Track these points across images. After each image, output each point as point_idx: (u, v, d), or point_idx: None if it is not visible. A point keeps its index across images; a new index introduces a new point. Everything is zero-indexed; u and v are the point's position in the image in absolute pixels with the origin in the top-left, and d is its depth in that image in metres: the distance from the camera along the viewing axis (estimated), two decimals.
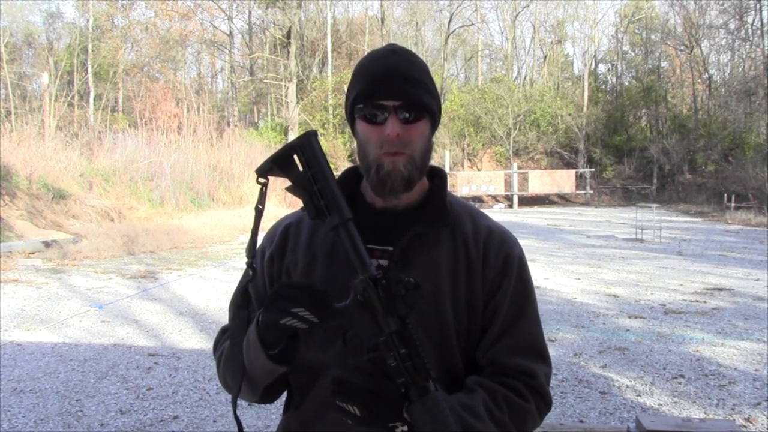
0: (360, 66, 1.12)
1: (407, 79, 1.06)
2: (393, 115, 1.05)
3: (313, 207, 0.99)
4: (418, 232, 1.09)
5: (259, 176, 1.01)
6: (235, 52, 38.13)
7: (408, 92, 1.05)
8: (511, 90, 34.04)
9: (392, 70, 1.06)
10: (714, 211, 23.19)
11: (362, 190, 1.17)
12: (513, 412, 1.06)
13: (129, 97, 33.75)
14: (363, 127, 1.08)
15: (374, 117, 1.06)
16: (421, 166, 1.10)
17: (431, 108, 1.09)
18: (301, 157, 1.00)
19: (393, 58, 1.08)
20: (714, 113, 32.23)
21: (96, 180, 18.21)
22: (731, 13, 30.75)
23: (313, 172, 0.98)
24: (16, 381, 4.75)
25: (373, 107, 1.06)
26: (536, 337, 1.14)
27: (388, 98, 1.05)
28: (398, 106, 1.05)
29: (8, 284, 8.77)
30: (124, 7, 34.62)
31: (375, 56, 1.10)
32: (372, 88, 1.06)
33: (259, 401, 1.14)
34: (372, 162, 1.07)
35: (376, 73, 1.07)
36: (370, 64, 1.09)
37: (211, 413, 4.13)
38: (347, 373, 0.96)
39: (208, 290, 8.57)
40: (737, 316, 6.90)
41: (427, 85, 1.09)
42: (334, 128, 32.28)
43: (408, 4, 39.35)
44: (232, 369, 1.07)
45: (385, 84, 1.05)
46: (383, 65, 1.07)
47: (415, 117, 1.06)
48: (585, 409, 4.17)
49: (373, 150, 1.07)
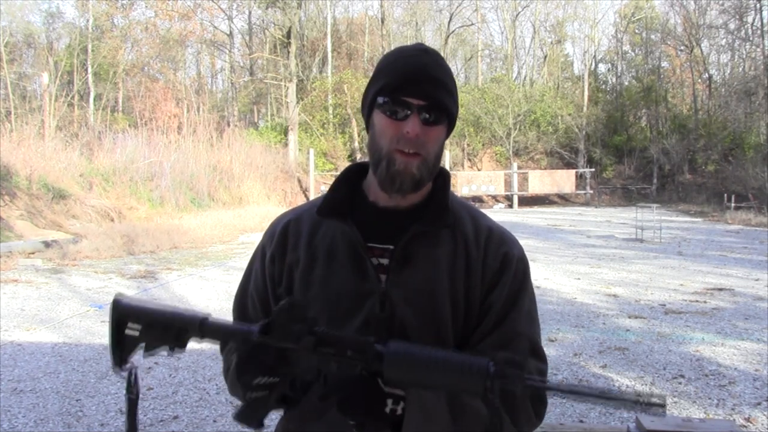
0: (388, 59, 1.11)
1: (435, 81, 1.06)
2: (415, 115, 1.04)
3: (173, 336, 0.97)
4: (419, 231, 1.09)
5: (118, 370, 0.98)
6: (235, 52, 38.13)
7: (434, 94, 1.05)
8: (511, 90, 34.04)
9: (422, 69, 1.06)
10: (714, 211, 23.19)
11: (364, 187, 1.17)
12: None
13: (129, 97, 33.74)
14: (381, 119, 1.07)
15: (395, 112, 1.05)
16: (433, 169, 1.10)
17: (452, 113, 1.09)
18: (131, 324, 0.98)
19: (424, 57, 1.07)
20: (714, 113, 32.24)
21: (96, 180, 18.21)
22: (731, 13, 30.76)
23: (148, 321, 0.98)
24: (16, 381, 4.75)
25: (395, 102, 1.05)
26: (530, 333, 1.12)
27: (413, 96, 1.05)
28: (422, 106, 1.05)
29: (8, 284, 8.77)
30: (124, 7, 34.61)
31: (405, 53, 1.10)
32: (399, 84, 1.05)
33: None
34: (384, 156, 1.07)
35: (405, 69, 1.06)
36: (400, 59, 1.09)
37: (211, 413, 4.13)
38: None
39: (208, 290, 8.57)
40: (737, 316, 6.90)
41: (452, 91, 1.09)
42: (334, 128, 32.27)
43: (408, 4, 39.35)
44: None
45: (412, 82, 1.05)
46: (413, 63, 1.06)
47: (435, 119, 1.06)
48: (585, 409, 4.17)
49: (387, 144, 1.06)
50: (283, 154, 28.95)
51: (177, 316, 0.98)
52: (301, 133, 31.32)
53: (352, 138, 31.37)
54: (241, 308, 1.22)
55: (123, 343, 0.98)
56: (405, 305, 1.07)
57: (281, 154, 28.77)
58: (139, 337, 0.98)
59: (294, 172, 28.11)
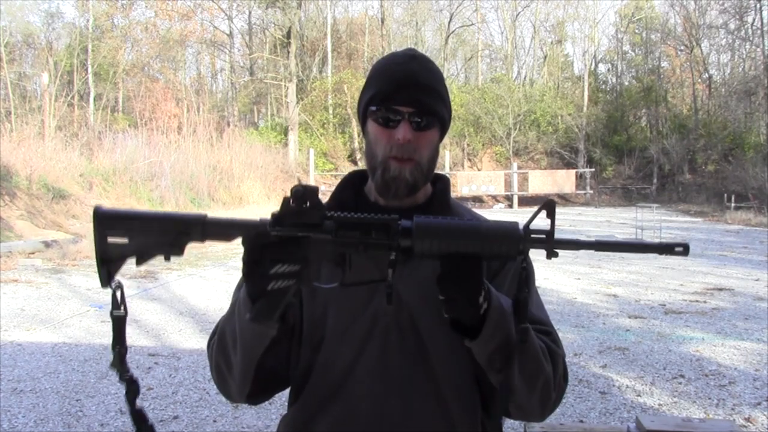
0: (378, 67, 1.14)
1: (423, 87, 1.08)
2: (405, 121, 1.07)
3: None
4: None
5: (105, 285, 0.92)
6: (235, 52, 38.12)
7: (422, 100, 1.07)
8: (511, 90, 34.03)
9: (410, 76, 1.08)
10: (714, 211, 23.19)
11: (366, 191, 1.20)
12: (548, 346, 1.07)
13: (129, 97, 33.71)
14: (374, 128, 1.10)
15: (387, 120, 1.08)
16: (427, 173, 1.12)
17: (443, 117, 1.11)
18: (117, 232, 0.91)
19: (412, 64, 1.09)
20: (714, 113, 32.24)
21: (96, 180, 18.21)
22: (731, 13, 30.76)
23: (142, 227, 0.91)
24: (16, 381, 4.75)
25: (386, 111, 1.08)
26: (541, 316, 1.14)
27: (402, 104, 1.07)
28: (412, 112, 1.07)
29: (8, 284, 8.77)
30: (124, 7, 34.57)
31: (394, 60, 1.12)
32: (388, 92, 1.08)
33: (251, 391, 1.09)
34: (379, 164, 1.09)
35: (394, 77, 1.08)
36: (389, 67, 1.11)
37: (211, 413, 4.13)
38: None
39: (208, 290, 8.57)
40: (737, 316, 6.90)
41: (442, 94, 1.11)
42: (334, 128, 32.28)
43: (408, 4, 39.34)
44: (225, 344, 1.06)
45: (401, 90, 1.07)
46: (402, 70, 1.08)
47: (426, 124, 1.08)
48: (585, 409, 4.17)
49: (381, 151, 1.09)
50: (283, 154, 28.96)
51: (174, 217, 0.92)
52: (301, 133, 31.32)
53: (352, 138, 31.37)
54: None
55: (110, 256, 0.91)
56: (412, 297, 1.08)
57: (281, 154, 28.77)
58: (129, 246, 0.90)
59: (294, 172, 28.12)
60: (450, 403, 1.08)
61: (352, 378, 1.08)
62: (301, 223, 0.87)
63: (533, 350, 1.01)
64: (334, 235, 0.88)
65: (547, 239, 0.89)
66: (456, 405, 1.09)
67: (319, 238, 0.88)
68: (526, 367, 1.00)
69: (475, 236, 0.88)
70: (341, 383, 1.08)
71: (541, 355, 1.03)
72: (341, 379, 1.08)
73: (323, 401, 1.09)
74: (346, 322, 1.08)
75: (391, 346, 1.07)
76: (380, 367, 1.07)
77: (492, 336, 0.95)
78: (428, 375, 1.08)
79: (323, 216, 0.88)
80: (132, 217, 0.92)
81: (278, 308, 0.92)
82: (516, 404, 1.05)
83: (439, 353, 1.07)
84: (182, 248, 0.91)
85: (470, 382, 1.09)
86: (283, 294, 0.90)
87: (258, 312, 0.92)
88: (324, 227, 0.88)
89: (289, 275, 0.88)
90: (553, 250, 0.89)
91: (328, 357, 1.09)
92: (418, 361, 1.08)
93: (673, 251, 0.88)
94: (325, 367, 1.09)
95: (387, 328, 1.07)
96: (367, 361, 1.07)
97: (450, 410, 1.08)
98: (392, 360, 1.07)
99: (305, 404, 1.12)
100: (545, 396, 1.05)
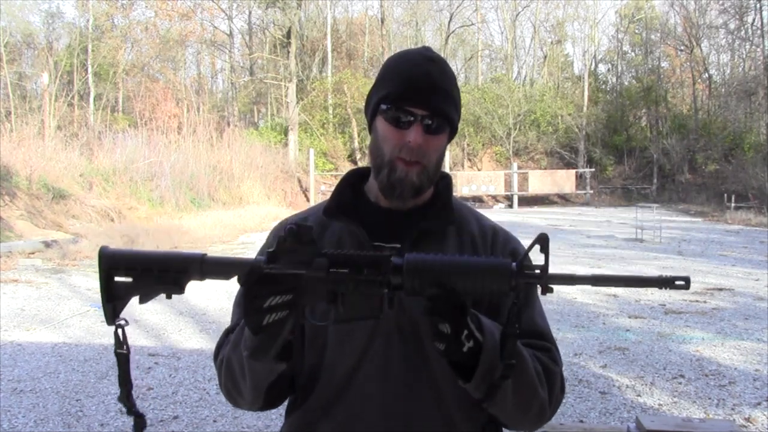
0: (394, 65, 1.10)
1: (439, 91, 1.06)
2: (418, 124, 1.05)
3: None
4: (426, 228, 1.10)
5: (111, 323, 0.95)
6: (235, 52, 38.10)
7: (437, 104, 1.05)
8: (511, 90, 34.01)
9: (427, 78, 1.05)
10: (714, 211, 23.17)
11: (366, 189, 1.18)
12: (545, 368, 1.07)
13: (129, 97, 33.70)
14: (384, 126, 1.08)
15: (398, 120, 1.06)
16: (433, 176, 1.11)
17: (454, 122, 1.10)
18: (120, 272, 0.94)
19: (429, 66, 1.07)
20: (714, 113, 32.22)
21: (96, 180, 18.20)
22: (731, 13, 30.76)
23: (144, 266, 0.93)
24: (16, 381, 4.75)
25: (399, 111, 1.05)
26: (543, 326, 1.15)
27: (417, 106, 1.05)
28: (425, 115, 1.05)
29: (8, 284, 8.77)
30: (124, 7, 34.55)
31: (410, 59, 1.09)
32: (402, 92, 1.05)
33: (262, 406, 1.11)
34: (386, 163, 1.08)
35: (410, 77, 1.06)
36: (405, 66, 1.08)
37: (211, 413, 4.13)
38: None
39: (208, 290, 8.56)
40: (737, 316, 6.90)
41: (455, 98, 1.09)
42: (334, 128, 32.26)
43: (408, 4, 39.33)
44: (233, 371, 1.06)
45: (416, 91, 1.05)
46: (419, 72, 1.06)
47: (437, 128, 1.07)
48: (585, 409, 4.17)
49: (389, 151, 1.07)
50: (283, 154, 28.94)
51: (174, 257, 0.94)
52: (301, 133, 31.30)
53: (352, 138, 31.36)
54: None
55: (114, 295, 0.94)
56: (413, 301, 1.07)
57: (281, 154, 28.76)
58: (133, 284, 0.93)
59: (294, 172, 28.11)
60: (451, 406, 1.08)
61: (354, 382, 1.08)
62: (295, 260, 0.89)
63: (528, 379, 1.01)
64: (326, 272, 0.89)
65: (541, 275, 0.88)
66: (457, 409, 1.09)
67: (311, 276, 0.89)
68: (520, 393, 1.01)
69: (466, 273, 0.88)
70: (344, 387, 1.08)
71: (537, 382, 1.03)
72: (344, 383, 1.08)
73: (326, 405, 1.09)
74: (348, 327, 1.07)
75: (392, 351, 1.07)
76: (382, 371, 1.07)
77: (483, 379, 0.95)
78: (429, 379, 1.07)
79: (316, 253, 0.89)
80: (135, 258, 0.95)
81: (274, 344, 0.93)
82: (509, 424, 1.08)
83: (440, 358, 1.07)
84: (182, 287, 0.94)
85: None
86: (280, 327, 0.90)
87: (255, 349, 0.94)
88: (316, 265, 0.89)
89: (282, 306, 0.89)
90: (548, 286, 0.89)
91: (330, 361, 1.09)
92: (419, 366, 1.07)
93: (673, 285, 0.86)
94: (327, 371, 1.09)
95: (388, 333, 1.07)
96: (369, 365, 1.07)
97: (451, 414, 1.08)
98: (394, 364, 1.07)
99: (308, 408, 1.11)
100: (540, 417, 1.07)
